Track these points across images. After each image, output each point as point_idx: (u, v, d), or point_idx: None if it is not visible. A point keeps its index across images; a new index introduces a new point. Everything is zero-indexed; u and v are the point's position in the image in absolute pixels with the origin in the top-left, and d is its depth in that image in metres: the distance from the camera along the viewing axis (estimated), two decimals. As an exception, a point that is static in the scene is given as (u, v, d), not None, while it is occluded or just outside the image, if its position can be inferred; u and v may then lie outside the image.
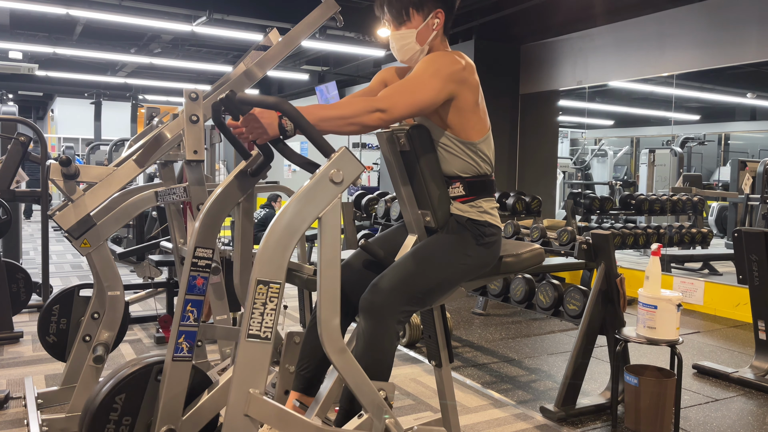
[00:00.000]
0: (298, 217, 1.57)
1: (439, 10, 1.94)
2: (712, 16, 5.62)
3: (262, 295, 1.55)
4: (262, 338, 1.56)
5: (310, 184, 1.58)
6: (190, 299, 1.96)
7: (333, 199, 1.59)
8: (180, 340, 1.93)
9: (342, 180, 1.59)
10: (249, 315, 1.55)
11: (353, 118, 1.70)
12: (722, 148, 12.00)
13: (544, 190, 7.42)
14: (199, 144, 2.52)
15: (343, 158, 1.60)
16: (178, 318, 1.95)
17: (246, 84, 2.75)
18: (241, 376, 1.54)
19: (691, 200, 6.81)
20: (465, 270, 1.93)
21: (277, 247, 1.55)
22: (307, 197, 1.58)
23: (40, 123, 19.41)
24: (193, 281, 1.96)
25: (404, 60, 2.01)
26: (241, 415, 1.53)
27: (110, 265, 2.63)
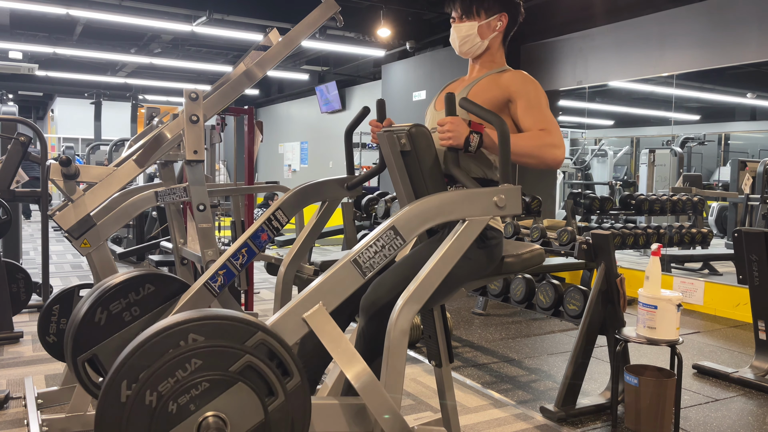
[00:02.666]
0: (452, 205, 1.69)
1: (503, 14, 2.08)
2: (712, 16, 5.62)
3: (388, 239, 1.64)
4: (362, 270, 1.63)
5: (481, 190, 1.72)
6: (248, 243, 2.06)
7: (485, 214, 1.72)
8: (220, 272, 1.98)
9: (503, 206, 1.73)
10: (366, 245, 1.63)
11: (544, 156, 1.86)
12: (722, 148, 12.00)
13: (544, 190, 7.41)
14: (199, 144, 2.52)
15: (514, 193, 1.74)
16: (230, 252, 2.01)
17: (246, 84, 2.76)
18: (323, 287, 1.60)
19: (691, 200, 6.81)
20: (465, 272, 1.94)
21: (422, 214, 1.67)
22: (470, 198, 1.71)
23: (40, 123, 19.41)
24: (260, 232, 2.08)
25: (463, 51, 2.12)
26: (299, 316, 1.56)
27: (110, 265, 2.63)
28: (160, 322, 1.43)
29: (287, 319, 1.55)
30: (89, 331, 1.91)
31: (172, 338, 1.38)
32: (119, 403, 1.34)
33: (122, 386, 1.34)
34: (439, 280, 1.69)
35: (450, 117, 1.80)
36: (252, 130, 4.40)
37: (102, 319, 1.92)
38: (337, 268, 1.61)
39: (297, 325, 1.56)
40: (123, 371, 1.35)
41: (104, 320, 1.92)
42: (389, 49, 8.95)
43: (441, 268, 1.69)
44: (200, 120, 2.51)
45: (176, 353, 1.38)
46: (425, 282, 1.67)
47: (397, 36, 7.99)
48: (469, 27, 2.07)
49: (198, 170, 2.60)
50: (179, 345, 1.38)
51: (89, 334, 1.92)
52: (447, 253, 1.69)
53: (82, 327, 1.90)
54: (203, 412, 1.39)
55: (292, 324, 1.56)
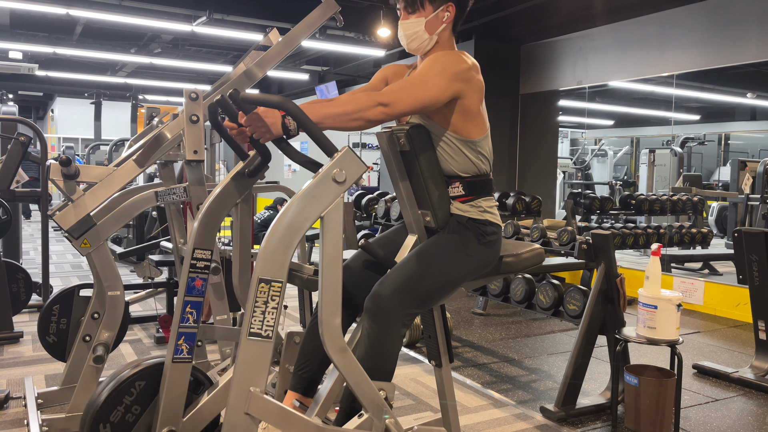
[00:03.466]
0: (301, 216, 1.57)
1: (450, 4, 1.96)
2: (712, 16, 5.62)
3: (264, 294, 1.55)
4: (263, 337, 1.55)
5: (312, 183, 1.59)
6: (189, 300, 1.96)
7: (335, 199, 1.59)
8: (180, 342, 1.93)
9: (345, 179, 1.59)
10: (250, 313, 1.55)
11: (356, 113, 1.70)
12: (722, 148, 12.00)
13: (544, 190, 7.42)
14: (199, 144, 2.52)
15: (345, 158, 1.60)
16: (178, 319, 1.95)
17: (246, 84, 2.75)
18: (241, 375, 1.54)
19: (691, 200, 6.81)
20: (468, 269, 1.94)
21: (279, 245, 1.55)
22: (309, 196, 1.58)
23: (40, 123, 19.40)
24: (192, 282, 1.96)
25: (412, 48, 2.01)
26: (241, 414, 1.53)
27: (110, 265, 2.63)
28: None
29: (234, 421, 1.53)
30: None
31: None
32: None
33: None
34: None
35: (251, 114, 1.62)
36: (252, 130, 4.39)
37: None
38: (241, 351, 1.55)
39: (245, 423, 1.53)
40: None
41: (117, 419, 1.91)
42: (389, 49, 8.95)
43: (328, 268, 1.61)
44: (200, 120, 2.51)
45: None
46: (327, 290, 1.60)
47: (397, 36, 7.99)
48: (416, 23, 1.95)
49: (198, 170, 2.60)
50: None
51: None
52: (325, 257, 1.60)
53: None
54: None
55: (240, 424, 1.53)
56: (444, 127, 1.92)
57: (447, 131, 1.92)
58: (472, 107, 1.90)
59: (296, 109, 1.60)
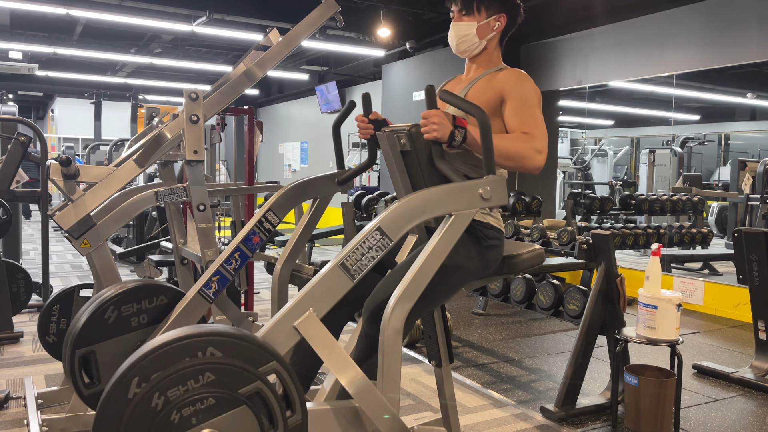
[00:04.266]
0: (438, 202, 1.67)
1: (502, 15, 2.06)
2: (712, 16, 5.62)
3: (375, 241, 1.62)
4: (351, 273, 1.61)
5: (465, 183, 1.69)
6: (240, 248, 2.03)
7: (470, 207, 1.69)
8: (214, 278, 1.97)
9: (489, 198, 1.70)
10: (353, 248, 1.61)
11: (523, 160, 1.83)
12: (722, 148, 11.99)
13: (544, 190, 7.41)
14: (199, 144, 2.52)
15: (498, 183, 1.72)
16: (223, 258, 2.00)
17: (246, 84, 2.76)
18: (312, 293, 1.58)
19: (691, 200, 6.81)
20: (469, 272, 1.94)
21: (408, 213, 1.65)
22: (454, 192, 1.68)
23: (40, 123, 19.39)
24: (252, 235, 2.05)
25: (460, 50, 2.10)
26: (290, 325, 1.55)
27: (110, 265, 2.63)
28: (183, 328, 1.42)
29: (278, 329, 1.54)
30: (95, 326, 1.92)
31: (191, 348, 1.38)
32: (125, 398, 1.33)
33: (132, 383, 1.33)
34: (429, 276, 1.68)
35: (434, 110, 1.77)
36: (252, 130, 4.40)
37: (111, 317, 1.93)
38: (326, 273, 1.60)
39: (288, 334, 1.55)
40: (136, 369, 1.34)
41: (113, 319, 1.93)
42: (389, 49, 8.95)
43: (431, 264, 1.67)
44: (200, 120, 2.51)
45: (192, 363, 1.37)
46: (415, 279, 1.66)
47: (397, 36, 7.99)
48: (468, 26, 2.05)
49: (198, 170, 2.60)
50: (197, 356, 1.38)
51: (94, 329, 1.92)
52: (436, 249, 1.67)
53: (90, 321, 1.91)
54: (203, 428, 1.38)
55: (283, 333, 1.55)
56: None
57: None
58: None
59: (487, 122, 1.69)
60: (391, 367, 1.67)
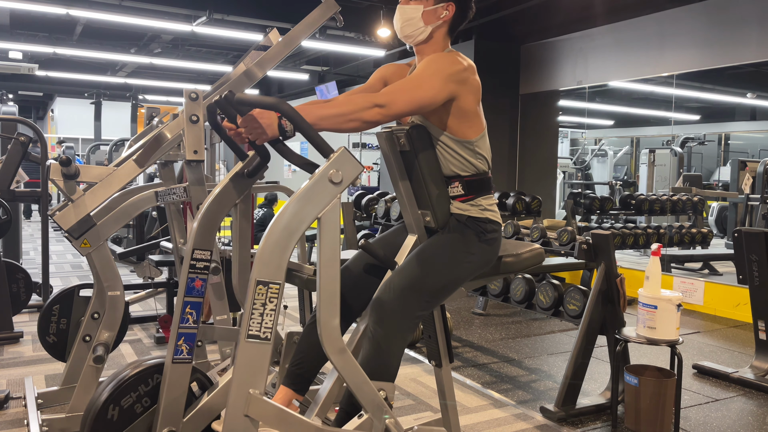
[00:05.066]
0: (297, 217, 1.57)
1: (451, 3, 1.99)
2: (712, 16, 5.62)
3: (262, 296, 1.55)
4: (262, 338, 1.55)
5: (308, 184, 1.58)
6: (189, 301, 1.96)
7: (332, 200, 1.59)
8: (179, 343, 1.94)
9: (341, 180, 1.59)
10: (249, 315, 1.55)
11: (352, 114, 1.70)
12: (722, 148, 11.99)
13: (544, 190, 7.42)
14: (199, 144, 2.52)
15: (342, 158, 1.60)
16: (177, 320, 1.95)
17: (246, 84, 2.75)
18: (241, 377, 1.54)
19: (691, 200, 6.81)
20: (470, 268, 1.94)
21: (276, 247, 1.55)
22: (305, 197, 1.58)
23: (40, 123, 19.40)
24: (192, 283, 1.96)
25: (404, 34, 2.03)
26: (241, 416, 1.53)
27: (110, 265, 2.63)
28: None
29: (234, 424, 1.53)
30: (103, 428, 1.92)
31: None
32: None
33: None
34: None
35: (247, 115, 1.64)
36: (252, 130, 4.39)
37: (114, 415, 1.93)
38: (240, 354, 1.55)
39: (245, 425, 1.53)
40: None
41: (116, 416, 1.93)
42: (389, 49, 8.95)
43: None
44: (200, 120, 2.51)
45: None
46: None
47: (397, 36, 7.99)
48: (414, 9, 1.98)
49: (198, 170, 2.60)
50: None
51: (100, 430, 1.92)
52: (325, 255, 1.59)
53: (96, 425, 1.91)
54: None
55: (241, 426, 1.53)
56: (440, 128, 1.93)
57: (444, 132, 1.93)
58: (468, 108, 1.91)
59: (291, 110, 1.59)
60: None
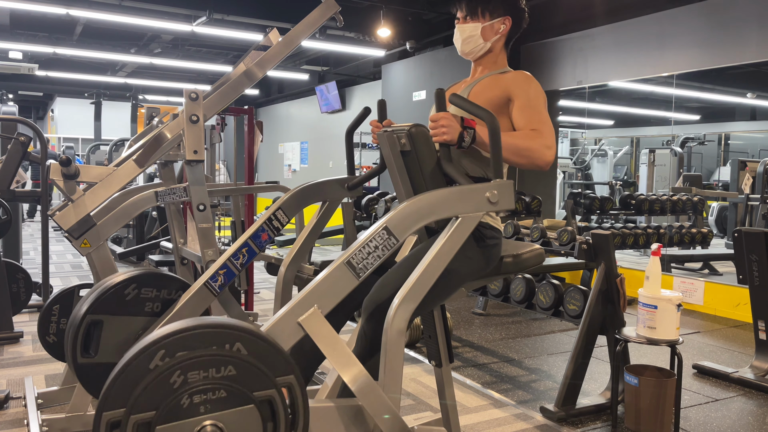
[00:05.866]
0: (443, 203, 1.68)
1: (507, 18, 2.10)
2: (712, 16, 5.62)
3: (381, 240, 1.63)
4: (357, 270, 1.62)
5: (472, 186, 1.70)
6: (249, 243, 2.05)
7: (477, 211, 1.71)
8: (221, 271, 1.98)
9: (496, 202, 1.71)
10: (359, 247, 1.62)
11: (532, 155, 1.84)
12: (722, 148, 12.00)
13: (544, 190, 7.41)
14: (199, 144, 2.52)
15: (506, 187, 1.73)
16: (231, 252, 2.01)
17: (246, 84, 2.75)
18: (317, 290, 1.59)
19: (691, 200, 6.81)
20: (467, 271, 1.94)
21: (415, 213, 1.66)
22: (462, 195, 1.69)
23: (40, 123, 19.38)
24: (261, 232, 2.08)
25: (465, 51, 2.13)
26: (294, 321, 1.56)
27: (110, 265, 2.63)
28: (214, 318, 1.45)
29: (283, 324, 1.55)
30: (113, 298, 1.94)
31: (220, 337, 1.40)
32: (147, 367, 1.33)
33: (158, 355, 1.34)
34: (434, 278, 1.68)
35: (442, 113, 1.79)
36: (252, 130, 4.40)
37: (130, 294, 1.94)
38: (332, 270, 1.60)
39: (293, 329, 1.56)
40: (164, 343, 1.35)
41: (131, 297, 1.94)
42: (389, 49, 8.95)
43: (436, 266, 1.68)
44: (200, 120, 2.51)
45: (219, 353, 1.38)
46: (420, 281, 1.67)
47: (397, 36, 7.99)
48: (473, 28, 2.08)
49: (198, 170, 2.60)
50: (224, 347, 1.39)
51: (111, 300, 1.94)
52: (441, 251, 1.68)
53: (109, 290, 1.92)
54: (208, 419, 1.38)
55: (288, 328, 1.55)
56: None
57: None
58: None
59: (497, 125, 1.70)
60: (393, 367, 1.67)
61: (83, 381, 2.00)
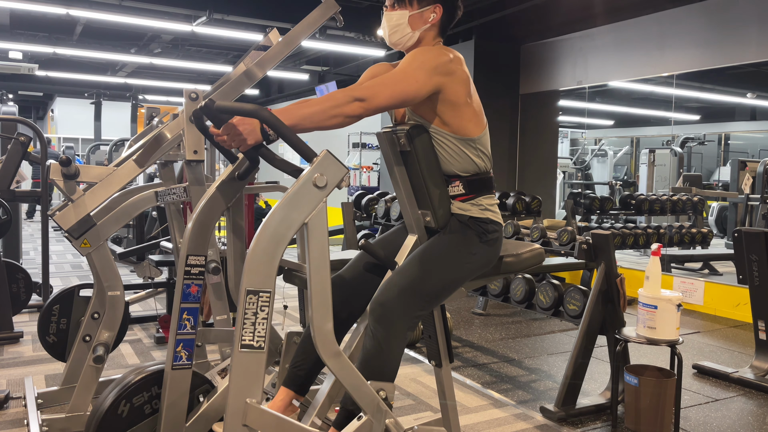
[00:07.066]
0: (284, 224, 1.55)
1: (438, 5, 1.97)
2: (712, 16, 5.62)
3: (253, 305, 1.53)
4: (256, 348, 1.54)
5: (293, 189, 1.56)
6: (185, 307, 1.95)
7: (318, 204, 1.57)
8: (178, 349, 1.93)
9: (326, 184, 1.57)
10: (241, 325, 1.53)
11: (333, 109, 1.67)
12: (722, 148, 11.99)
13: (544, 190, 7.42)
14: (199, 144, 2.52)
15: (325, 161, 1.58)
16: (175, 327, 1.94)
17: (246, 84, 2.75)
18: (237, 387, 1.53)
19: (691, 200, 6.81)
20: (471, 268, 1.94)
21: (264, 255, 1.53)
22: (291, 203, 1.55)
23: (40, 123, 19.40)
24: (188, 289, 1.95)
25: (392, 41, 2.02)
26: (239, 426, 1.52)
27: (110, 265, 2.63)
28: None
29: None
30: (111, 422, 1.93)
31: None
32: None
33: None
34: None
35: (228, 122, 1.61)
36: (252, 130, 4.39)
37: (124, 411, 1.93)
38: (235, 364, 1.53)
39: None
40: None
41: (126, 413, 1.93)
42: (389, 49, 8.95)
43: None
44: (200, 120, 2.50)
45: None
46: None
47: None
48: (400, 15, 1.96)
49: (198, 170, 2.60)
50: None
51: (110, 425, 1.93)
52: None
53: (106, 417, 1.92)
54: None
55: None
56: (439, 127, 1.92)
57: (443, 131, 1.92)
58: (457, 100, 1.89)
59: (271, 116, 1.57)
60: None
61: None
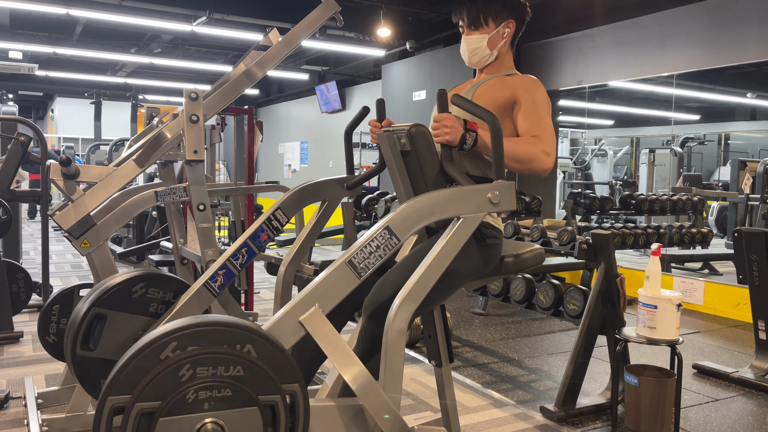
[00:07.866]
0: (444, 203, 1.68)
1: (511, 21, 2.09)
2: (712, 16, 5.62)
3: (383, 240, 1.63)
4: (357, 271, 1.62)
5: (473, 186, 1.70)
6: (248, 243, 2.06)
7: (480, 212, 1.71)
8: (220, 272, 1.99)
9: (498, 203, 1.71)
10: (360, 246, 1.62)
11: (532, 162, 1.86)
12: (722, 148, 12.00)
13: (544, 190, 7.40)
14: (199, 144, 2.52)
15: (507, 189, 1.72)
16: (230, 252, 2.04)
17: (246, 84, 2.75)
18: (318, 289, 1.59)
19: (691, 200, 6.81)
20: (467, 271, 1.94)
21: (415, 213, 1.66)
22: (463, 195, 1.69)
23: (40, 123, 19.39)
24: (260, 232, 2.08)
25: (472, 62, 2.13)
26: (295, 320, 1.56)
27: (110, 265, 2.63)
28: (228, 317, 1.45)
29: (284, 323, 1.55)
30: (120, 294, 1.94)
31: (234, 337, 1.41)
32: (157, 357, 1.34)
33: (169, 347, 1.35)
34: (435, 278, 1.68)
35: (445, 114, 1.78)
36: (252, 130, 4.40)
37: (137, 292, 1.95)
38: (333, 269, 1.60)
39: (294, 328, 1.56)
40: (176, 336, 1.36)
41: (137, 294, 1.95)
42: (389, 49, 8.95)
43: (437, 266, 1.68)
44: (200, 120, 2.51)
45: (231, 351, 1.39)
46: (421, 281, 1.67)
47: (397, 36, 7.99)
48: (479, 39, 2.08)
49: (198, 170, 2.60)
50: (235, 347, 1.40)
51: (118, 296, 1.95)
52: (443, 252, 1.69)
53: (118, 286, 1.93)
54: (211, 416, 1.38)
55: (288, 327, 1.56)
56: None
57: None
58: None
59: (500, 127, 1.70)
60: (394, 367, 1.67)
61: (78, 373, 2.00)
